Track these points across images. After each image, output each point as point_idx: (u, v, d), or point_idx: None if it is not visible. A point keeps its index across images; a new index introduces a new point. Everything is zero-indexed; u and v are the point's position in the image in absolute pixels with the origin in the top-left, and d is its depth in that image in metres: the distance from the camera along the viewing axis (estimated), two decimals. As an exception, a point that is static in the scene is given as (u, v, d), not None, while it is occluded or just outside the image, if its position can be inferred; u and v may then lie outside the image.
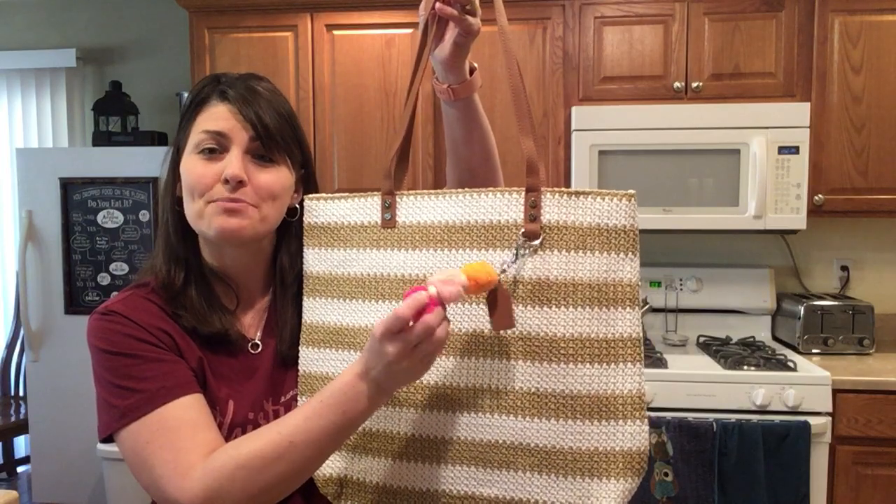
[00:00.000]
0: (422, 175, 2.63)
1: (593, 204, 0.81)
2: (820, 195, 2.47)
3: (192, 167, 0.91)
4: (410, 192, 0.88)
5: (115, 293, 3.38)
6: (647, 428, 0.81)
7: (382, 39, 2.65)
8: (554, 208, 0.81)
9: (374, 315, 0.88)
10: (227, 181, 0.88)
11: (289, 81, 2.68)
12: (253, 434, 0.83)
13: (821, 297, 2.61)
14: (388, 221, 0.88)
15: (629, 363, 0.80)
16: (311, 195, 0.97)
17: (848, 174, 2.47)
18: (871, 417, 2.19)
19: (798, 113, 2.39)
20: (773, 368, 2.26)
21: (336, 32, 2.67)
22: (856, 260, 2.81)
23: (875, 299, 2.68)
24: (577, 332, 0.80)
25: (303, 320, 0.95)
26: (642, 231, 2.51)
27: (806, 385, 2.18)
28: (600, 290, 0.80)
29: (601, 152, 2.46)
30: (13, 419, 3.32)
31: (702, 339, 2.70)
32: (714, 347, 2.54)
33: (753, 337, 2.70)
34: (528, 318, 0.82)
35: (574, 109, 2.50)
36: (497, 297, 0.80)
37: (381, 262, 0.89)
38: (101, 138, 3.11)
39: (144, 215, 2.98)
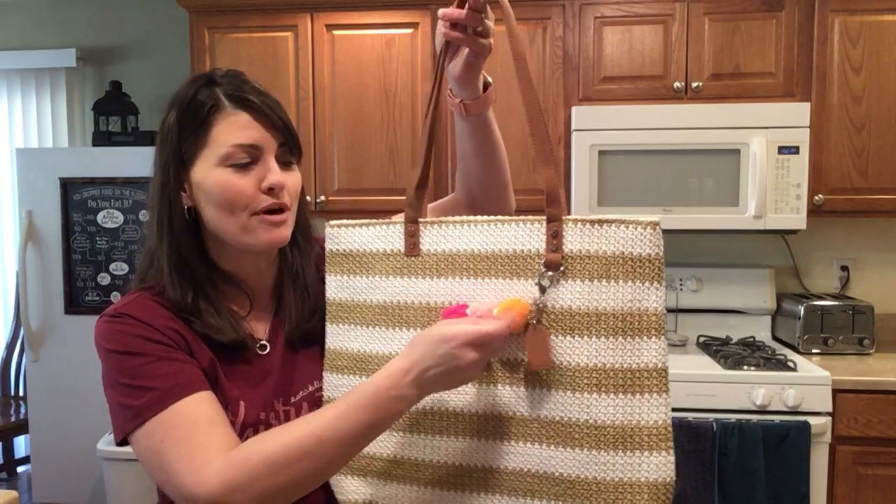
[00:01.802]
0: (422, 175, 2.63)
1: (617, 232, 0.79)
2: (820, 195, 2.47)
3: (228, 182, 0.89)
4: (434, 220, 0.89)
5: (115, 293, 3.38)
6: (672, 459, 0.79)
7: (382, 39, 2.65)
8: (576, 237, 0.80)
9: (397, 343, 0.89)
10: (271, 189, 0.90)
11: (289, 81, 2.68)
12: (280, 428, 0.82)
13: (821, 297, 2.61)
14: (412, 249, 0.89)
15: (655, 394, 0.79)
16: (333, 222, 0.96)
17: (848, 174, 2.47)
18: (871, 417, 2.19)
19: (798, 113, 2.39)
20: (773, 368, 2.26)
21: (336, 32, 2.67)
22: (856, 260, 2.81)
23: (875, 299, 2.68)
24: (601, 361, 0.79)
25: (326, 346, 0.96)
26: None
27: (806, 385, 2.18)
28: (625, 319, 0.79)
29: (601, 152, 2.46)
30: (13, 419, 3.32)
31: (702, 339, 2.70)
32: (714, 347, 2.54)
33: (753, 337, 2.70)
34: (552, 348, 0.82)
35: (574, 109, 2.50)
36: (535, 335, 0.81)
37: (405, 289, 0.89)
38: (101, 138, 3.11)
39: (144, 215, 2.98)
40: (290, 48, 2.69)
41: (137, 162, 2.99)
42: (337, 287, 0.94)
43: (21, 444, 3.70)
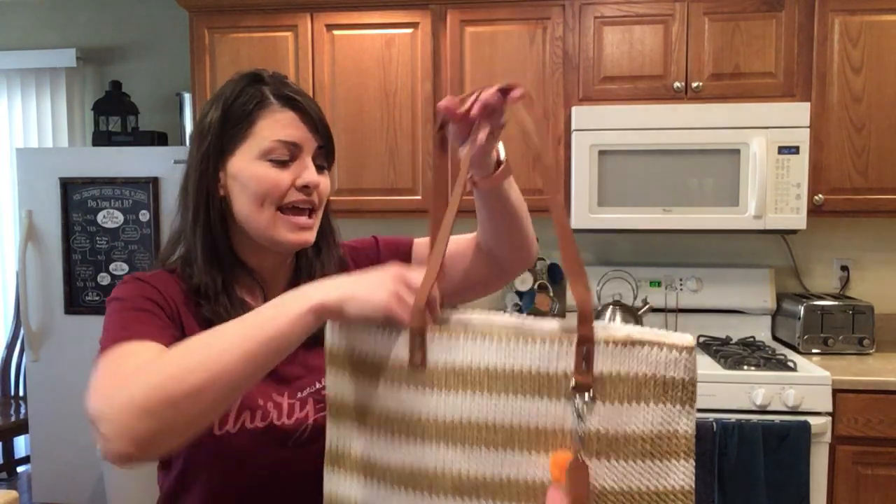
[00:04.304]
0: (422, 175, 2.63)
1: (650, 354, 0.75)
2: (820, 195, 2.47)
3: (265, 175, 0.93)
4: (444, 328, 0.80)
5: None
6: None
7: (382, 39, 2.65)
8: (607, 357, 0.76)
9: (402, 454, 0.82)
10: (305, 187, 0.93)
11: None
12: None
13: (821, 297, 2.61)
14: (419, 360, 0.80)
15: None
16: (332, 322, 0.83)
17: (848, 174, 2.47)
18: (871, 417, 2.19)
19: (798, 113, 2.39)
20: (773, 368, 2.26)
21: (336, 32, 2.67)
22: (856, 260, 2.81)
23: (875, 299, 2.68)
24: (627, 485, 0.76)
25: (327, 445, 0.88)
26: (643, 231, 2.52)
27: (806, 385, 2.18)
28: (653, 442, 0.76)
29: (601, 152, 2.46)
30: (13, 419, 3.32)
31: (702, 339, 2.70)
32: (714, 347, 2.54)
33: (753, 337, 2.70)
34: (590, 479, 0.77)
35: (574, 109, 2.50)
36: (576, 472, 0.75)
37: (410, 401, 0.81)
38: (101, 138, 3.11)
39: (144, 215, 2.98)
40: (290, 48, 2.69)
41: (137, 162, 2.99)
42: (335, 385, 0.86)
43: (21, 444, 3.71)
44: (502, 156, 0.93)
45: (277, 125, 0.93)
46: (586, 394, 0.75)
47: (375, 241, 1.14)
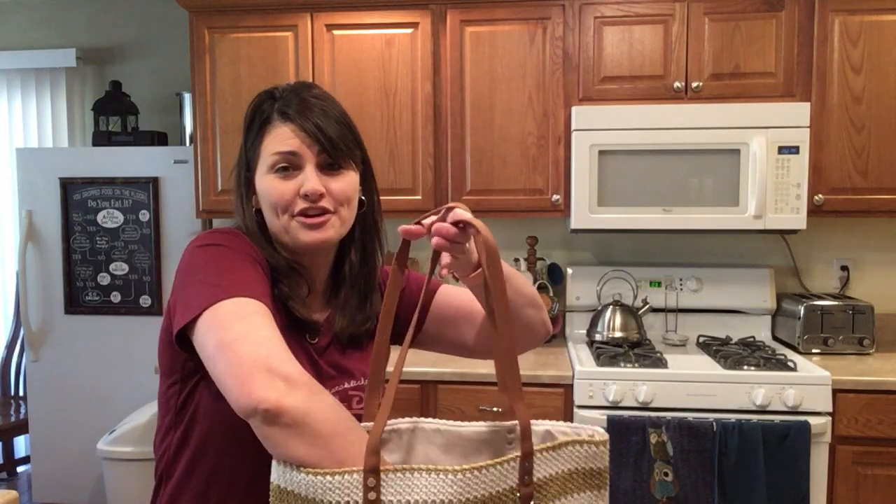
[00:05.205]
0: (422, 175, 2.63)
1: (573, 451, 0.86)
2: (820, 195, 2.47)
3: (272, 186, 0.99)
4: (398, 468, 0.80)
5: (115, 293, 3.37)
6: None
7: (382, 39, 2.65)
8: (543, 465, 0.83)
9: None
10: (307, 196, 0.97)
11: (289, 81, 2.68)
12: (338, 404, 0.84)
13: (821, 297, 2.61)
14: (374, 502, 0.78)
15: None
16: (279, 464, 0.83)
17: (848, 174, 2.47)
18: (871, 417, 2.19)
19: (798, 113, 2.39)
20: (773, 368, 2.26)
21: (336, 32, 2.67)
22: (856, 260, 2.81)
23: (875, 299, 2.68)
24: None
25: None
26: (643, 231, 2.52)
27: (806, 385, 2.18)
28: None
29: (601, 152, 2.47)
30: (13, 419, 3.33)
31: (702, 339, 2.70)
32: (714, 347, 2.54)
33: (753, 337, 2.70)
34: None
35: (574, 109, 2.50)
36: None
37: None
38: (101, 138, 3.11)
39: (144, 215, 2.98)
40: (290, 48, 2.69)
41: (137, 162, 2.99)
42: None
43: (21, 444, 3.71)
44: (476, 257, 0.93)
45: (278, 139, 0.99)
46: (532, 503, 0.81)
47: (408, 274, 1.18)
